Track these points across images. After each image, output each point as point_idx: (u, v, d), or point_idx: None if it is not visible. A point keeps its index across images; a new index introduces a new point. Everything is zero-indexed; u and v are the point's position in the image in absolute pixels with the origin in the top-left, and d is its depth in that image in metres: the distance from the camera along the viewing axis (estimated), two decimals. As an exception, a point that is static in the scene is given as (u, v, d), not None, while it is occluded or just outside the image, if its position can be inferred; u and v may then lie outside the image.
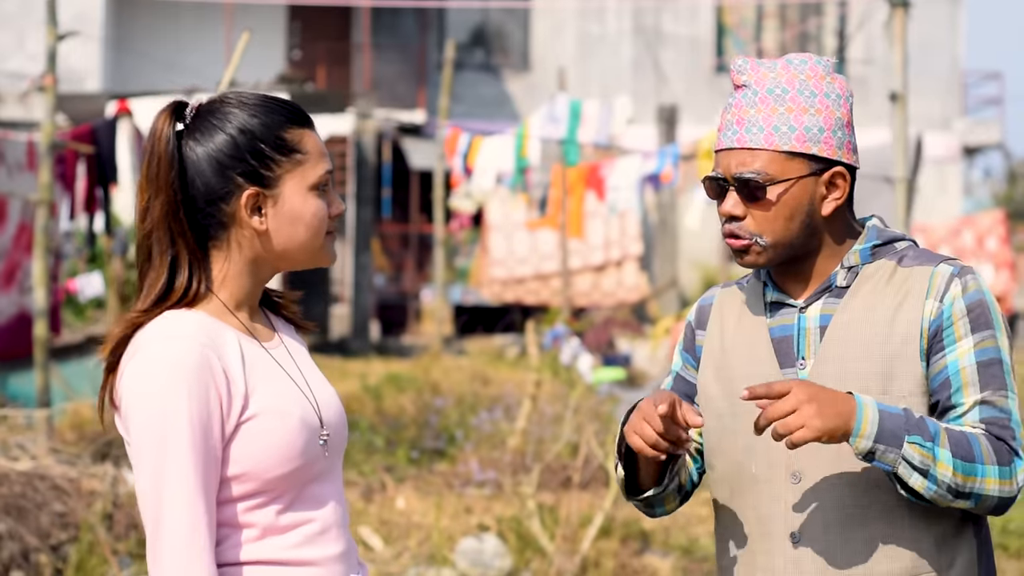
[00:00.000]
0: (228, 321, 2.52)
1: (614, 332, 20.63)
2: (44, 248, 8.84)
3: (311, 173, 2.54)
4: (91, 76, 24.50)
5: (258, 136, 2.50)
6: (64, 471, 7.43)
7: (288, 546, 2.48)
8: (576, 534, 7.80)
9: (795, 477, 2.73)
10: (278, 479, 2.45)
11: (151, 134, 2.50)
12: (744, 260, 2.79)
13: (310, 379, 2.59)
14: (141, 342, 2.45)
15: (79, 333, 15.50)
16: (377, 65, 27.90)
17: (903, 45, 9.30)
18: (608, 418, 11.46)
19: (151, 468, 2.38)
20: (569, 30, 29.52)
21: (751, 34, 30.88)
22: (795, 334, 2.79)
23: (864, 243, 2.80)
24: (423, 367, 15.10)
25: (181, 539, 2.36)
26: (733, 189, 2.76)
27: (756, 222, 2.75)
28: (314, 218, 2.54)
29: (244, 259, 2.53)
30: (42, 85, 9.01)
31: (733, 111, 2.77)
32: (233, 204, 2.49)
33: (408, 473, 9.95)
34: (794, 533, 2.73)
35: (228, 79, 8.91)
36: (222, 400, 2.42)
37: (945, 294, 2.71)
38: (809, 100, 2.73)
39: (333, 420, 2.57)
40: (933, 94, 30.18)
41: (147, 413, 2.39)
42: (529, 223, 23.13)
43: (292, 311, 2.71)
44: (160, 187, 2.47)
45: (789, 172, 2.73)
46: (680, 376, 3.01)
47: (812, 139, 2.72)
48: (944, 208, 29.39)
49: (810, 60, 2.77)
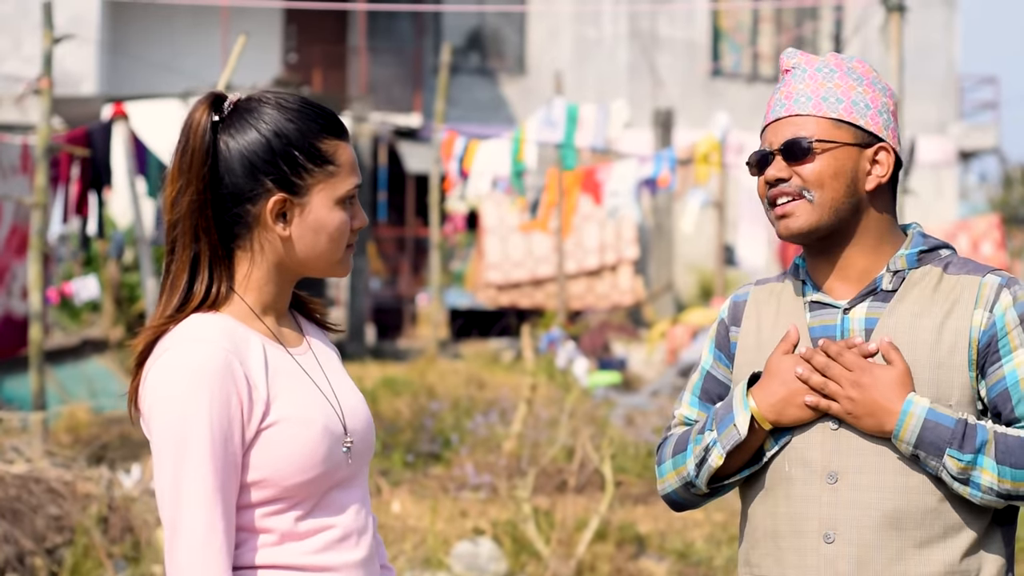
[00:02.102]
0: (254, 326, 2.51)
1: (609, 336, 20.62)
2: (39, 251, 8.83)
3: (341, 186, 2.52)
4: (87, 79, 24.49)
5: (293, 142, 2.48)
6: (59, 474, 7.42)
7: (307, 552, 2.47)
8: (572, 538, 7.80)
9: (831, 477, 2.73)
10: (298, 486, 2.45)
11: (187, 124, 2.48)
12: (788, 224, 2.79)
13: (337, 385, 2.58)
14: (166, 345, 2.44)
15: (74, 336, 15.49)
16: (373, 69, 27.90)
17: (899, 49, 9.31)
18: (603, 422, 11.45)
19: (170, 471, 2.38)
20: (565, 34, 29.52)
21: (747, 38, 30.90)
22: (837, 335, 2.78)
23: (911, 248, 2.81)
24: (419, 371, 15.09)
25: (197, 541, 2.36)
26: (779, 155, 2.79)
27: (802, 179, 2.77)
28: (337, 231, 2.52)
29: (268, 263, 2.51)
30: (38, 88, 9.01)
31: (782, 90, 2.84)
32: (259, 206, 2.48)
33: (403, 477, 9.95)
34: (828, 533, 2.73)
35: (224, 82, 8.91)
36: (243, 406, 2.41)
37: (995, 304, 2.72)
38: (857, 81, 2.81)
39: (358, 427, 2.56)
40: (929, 98, 30.21)
41: (168, 416, 2.39)
42: (521, 225, 23.13)
43: (320, 312, 2.70)
44: (191, 179, 2.45)
45: (836, 136, 2.77)
46: (710, 374, 2.99)
47: (859, 112, 2.78)
48: (939, 212, 29.40)
49: (856, 57, 2.87)
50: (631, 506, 8.77)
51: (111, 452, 9.44)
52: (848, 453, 2.72)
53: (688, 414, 2.99)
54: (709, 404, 2.96)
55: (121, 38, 26.34)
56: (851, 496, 2.72)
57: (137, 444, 9.91)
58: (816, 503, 2.74)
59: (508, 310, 25.16)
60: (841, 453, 2.73)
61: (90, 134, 11.02)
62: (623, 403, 14.19)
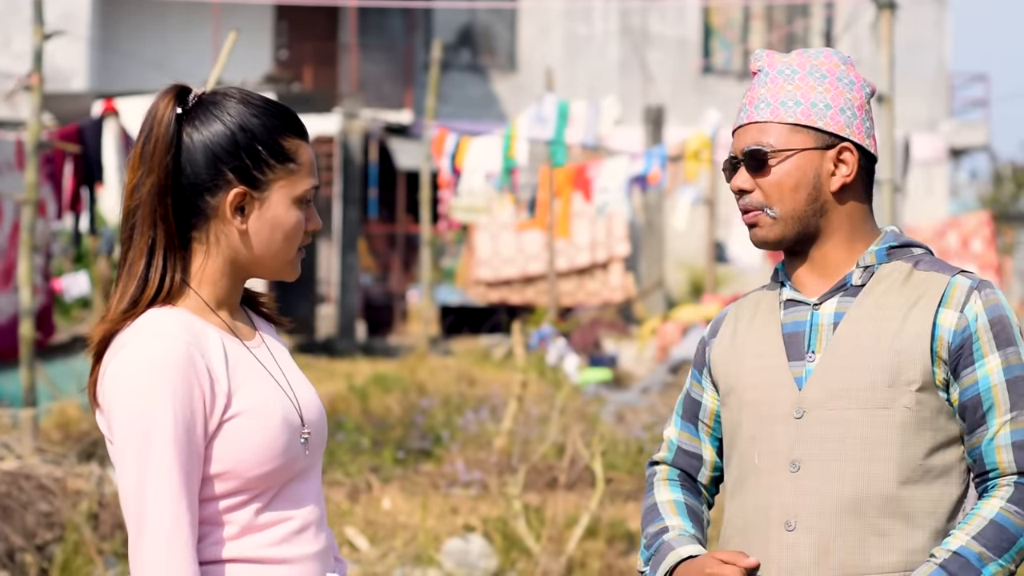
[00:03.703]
0: (210, 319, 2.52)
1: (600, 333, 20.64)
2: (30, 247, 8.82)
3: (299, 185, 2.54)
4: (77, 75, 24.45)
5: (257, 137, 2.50)
6: (50, 471, 7.41)
7: (266, 544, 2.48)
8: (562, 535, 7.80)
9: (794, 466, 2.76)
10: (259, 477, 2.46)
11: (150, 114, 2.50)
12: (756, 235, 2.83)
13: (291, 378, 2.60)
14: (124, 339, 2.44)
15: (65, 333, 15.47)
16: (364, 65, 27.88)
17: (890, 47, 9.31)
18: (594, 419, 11.46)
19: (134, 466, 2.38)
20: (556, 31, 29.52)
21: (738, 35, 30.92)
22: (807, 329, 2.82)
23: (881, 244, 2.83)
24: (409, 367, 15.09)
25: (163, 537, 2.36)
26: (743, 164, 2.82)
27: (763, 193, 2.79)
28: (293, 229, 2.55)
29: (222, 257, 2.52)
30: (28, 84, 8.99)
31: (747, 95, 2.85)
32: (218, 198, 2.49)
33: (394, 473, 9.94)
34: (789, 521, 2.75)
35: (215, 79, 8.90)
36: (205, 398, 2.42)
37: (966, 306, 2.73)
38: (818, 80, 2.79)
39: (314, 419, 2.58)
40: (919, 96, 30.24)
41: (130, 411, 2.39)
42: (518, 224, 23.11)
43: (269, 307, 2.72)
44: (153, 167, 2.47)
45: (792, 143, 2.78)
46: (688, 394, 3.06)
47: (817, 114, 2.77)
48: (930, 210, 29.43)
49: (827, 51, 2.85)
50: (621, 503, 8.77)
51: (101, 449, 9.42)
52: (810, 441, 2.75)
53: (672, 436, 3.07)
54: (690, 423, 3.04)
55: (112, 34, 26.30)
56: (812, 484, 2.74)
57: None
58: (778, 492, 2.77)
59: (499, 307, 25.16)
60: (803, 442, 2.76)
61: (81, 130, 11.00)
62: (614, 400, 14.19)
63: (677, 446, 3.06)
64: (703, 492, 3.08)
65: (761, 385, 2.83)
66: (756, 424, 2.82)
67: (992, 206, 35.44)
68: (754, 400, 2.83)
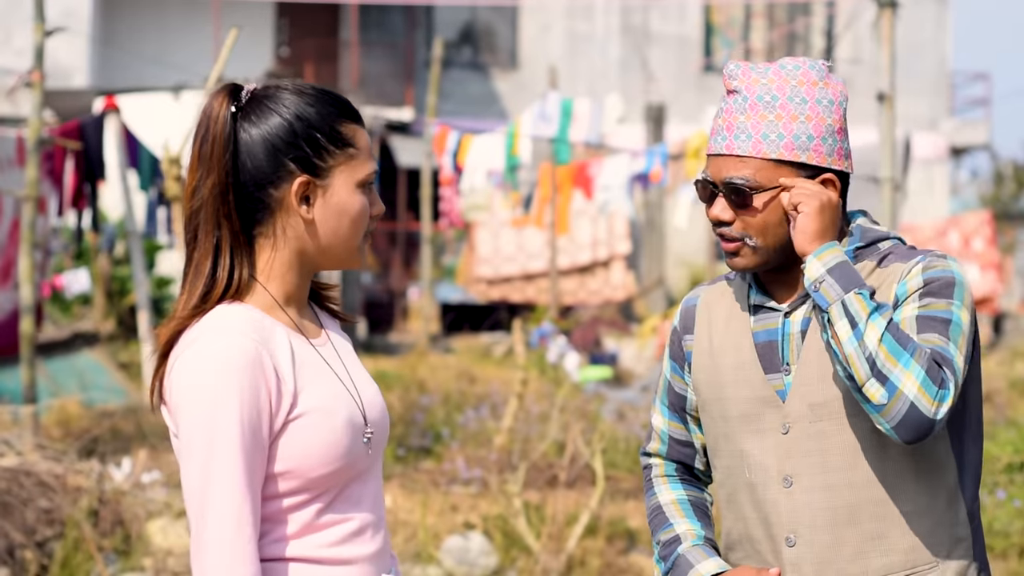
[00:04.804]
0: (278, 317, 2.52)
1: (601, 331, 20.63)
2: (30, 244, 8.82)
3: (360, 170, 2.54)
4: (78, 72, 24.45)
5: (314, 124, 2.50)
6: (50, 467, 7.41)
7: (325, 544, 2.49)
8: (562, 533, 7.80)
9: (787, 481, 2.77)
10: (322, 477, 2.46)
11: (205, 114, 2.49)
12: (735, 262, 2.79)
13: (355, 377, 2.60)
14: (193, 336, 2.44)
15: (65, 329, 15.47)
16: (365, 62, 27.88)
17: (891, 45, 9.31)
18: (594, 416, 11.46)
19: (199, 462, 2.38)
20: (557, 28, 29.52)
21: (739, 34, 30.91)
22: (779, 339, 2.81)
23: (847, 247, 2.79)
24: (410, 365, 15.09)
25: (226, 534, 2.36)
26: (721, 195, 2.77)
27: (744, 226, 2.75)
28: (359, 214, 2.54)
29: (290, 250, 2.52)
30: (29, 81, 8.98)
31: (724, 116, 2.77)
32: (282, 190, 2.49)
33: (394, 471, 9.94)
34: (789, 537, 2.76)
35: (216, 76, 8.89)
36: (271, 397, 2.42)
37: (906, 276, 2.71)
38: (799, 107, 2.72)
39: (377, 418, 2.58)
40: (921, 94, 30.24)
41: (197, 408, 2.39)
42: (514, 220, 23.11)
43: (336, 302, 2.73)
44: (212, 167, 2.47)
45: (776, 180, 2.72)
46: (670, 385, 3.05)
47: (800, 147, 2.71)
48: (931, 208, 29.44)
49: (803, 65, 2.76)
50: (622, 501, 8.77)
51: (102, 445, 9.43)
52: (797, 456, 2.76)
53: (662, 426, 3.06)
54: (678, 415, 3.02)
55: (113, 31, 26.30)
56: (804, 498, 2.75)
57: (128, 438, 9.90)
58: (775, 508, 2.78)
59: (499, 304, 25.15)
60: (792, 457, 2.76)
61: (82, 127, 11.00)
62: (614, 398, 14.19)
63: (669, 436, 3.06)
64: (702, 478, 3.08)
65: (743, 399, 2.82)
66: (743, 438, 2.82)
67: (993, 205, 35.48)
68: (740, 414, 2.82)
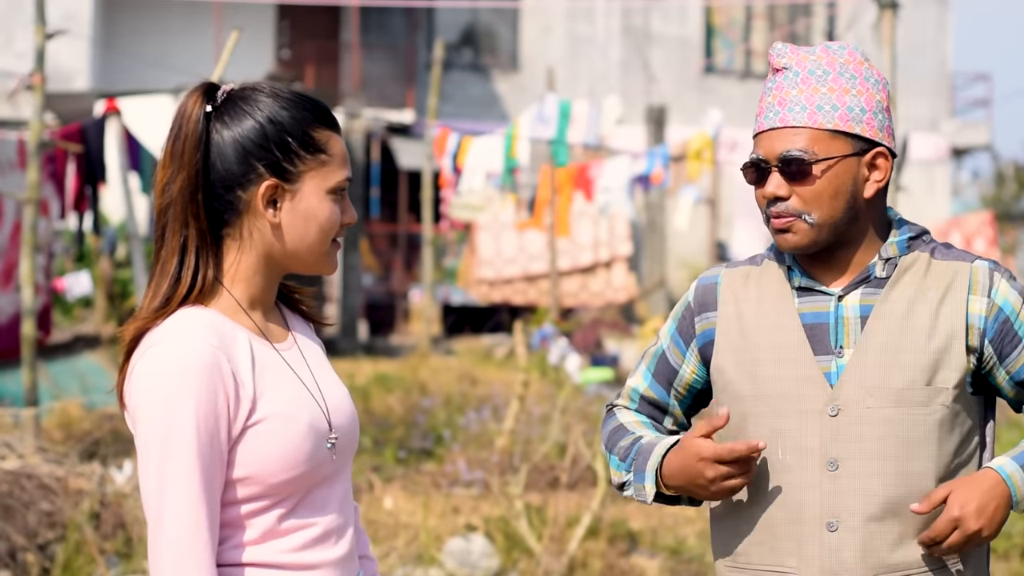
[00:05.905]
0: (240, 321, 2.51)
1: (602, 332, 20.63)
2: (32, 247, 8.82)
3: (332, 176, 2.52)
4: (79, 75, 24.45)
5: (287, 128, 2.49)
6: (51, 470, 7.41)
7: (287, 549, 2.47)
8: (564, 534, 7.80)
9: (832, 465, 2.73)
10: (283, 483, 2.45)
11: (179, 113, 2.49)
12: (786, 239, 2.76)
13: (321, 381, 2.58)
14: (153, 340, 2.44)
15: (67, 332, 15.48)
16: (366, 64, 27.88)
17: (891, 46, 9.31)
18: (596, 418, 11.46)
19: (155, 466, 2.38)
20: (558, 30, 29.51)
21: (739, 35, 30.91)
22: (832, 322, 2.77)
23: (900, 236, 2.81)
24: (411, 367, 15.10)
25: (182, 538, 2.35)
26: (776, 170, 2.75)
27: (802, 200, 2.73)
28: (327, 221, 2.52)
29: (256, 253, 2.51)
30: (30, 84, 8.98)
31: (774, 93, 2.77)
32: (250, 192, 2.48)
33: (396, 473, 9.95)
34: (831, 521, 2.72)
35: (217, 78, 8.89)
36: (229, 403, 2.41)
37: (992, 289, 2.75)
38: (850, 82, 2.73)
39: (343, 423, 2.56)
40: (921, 95, 30.24)
41: (153, 412, 2.38)
42: (517, 224, 23.11)
43: (308, 306, 2.70)
44: (183, 165, 2.46)
45: (833, 150, 2.72)
46: (664, 356, 2.98)
47: (855, 119, 2.72)
48: (932, 209, 29.42)
49: (848, 47, 2.79)
50: (623, 502, 8.77)
51: (103, 448, 9.44)
52: (848, 440, 2.73)
53: (637, 386, 3.01)
54: (660, 384, 2.97)
55: (113, 34, 26.31)
56: (853, 483, 2.72)
57: (129, 440, 9.90)
58: (816, 491, 2.73)
59: (501, 306, 25.15)
60: (840, 440, 2.73)
61: (84, 130, 11.00)
62: (615, 399, 14.18)
63: (641, 396, 3.01)
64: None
65: (784, 378, 2.78)
66: (778, 418, 2.77)
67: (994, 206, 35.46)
68: (777, 393, 2.78)
